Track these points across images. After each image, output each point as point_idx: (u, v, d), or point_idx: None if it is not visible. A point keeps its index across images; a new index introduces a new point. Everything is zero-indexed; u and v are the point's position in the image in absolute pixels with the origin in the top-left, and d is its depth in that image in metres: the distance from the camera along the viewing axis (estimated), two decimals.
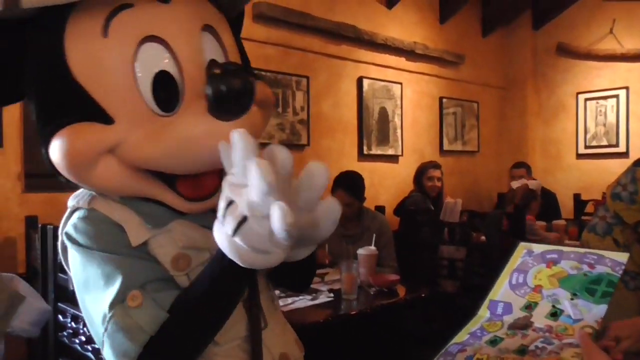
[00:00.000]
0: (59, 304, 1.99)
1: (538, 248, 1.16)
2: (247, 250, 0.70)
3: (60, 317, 1.96)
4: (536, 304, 1.06)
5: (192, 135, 0.77)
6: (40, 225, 2.16)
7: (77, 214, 0.86)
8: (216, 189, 0.84)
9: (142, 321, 0.77)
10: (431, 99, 4.87)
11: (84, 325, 1.78)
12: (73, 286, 0.88)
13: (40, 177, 2.62)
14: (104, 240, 0.82)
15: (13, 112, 2.57)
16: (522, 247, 1.18)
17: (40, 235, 2.13)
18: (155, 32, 0.78)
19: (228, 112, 0.78)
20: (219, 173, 0.81)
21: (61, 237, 0.88)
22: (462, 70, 5.12)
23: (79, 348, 1.80)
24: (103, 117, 0.79)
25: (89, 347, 1.73)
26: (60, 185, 0.92)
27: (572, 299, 1.04)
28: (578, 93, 5.32)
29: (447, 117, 5.03)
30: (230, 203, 0.70)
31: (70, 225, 0.85)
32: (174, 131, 0.78)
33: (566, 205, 4.86)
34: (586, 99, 5.27)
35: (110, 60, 0.78)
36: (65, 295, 2.01)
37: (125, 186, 0.83)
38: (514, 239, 3.03)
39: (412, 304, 2.48)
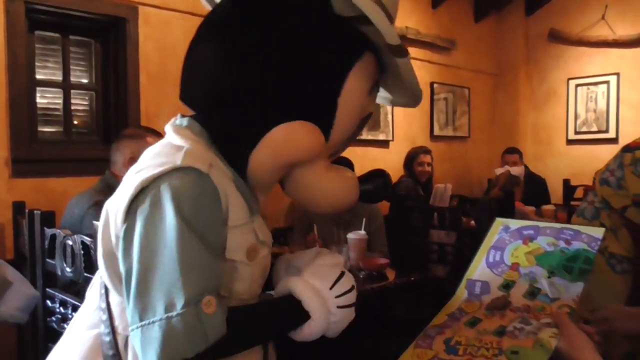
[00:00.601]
0: (48, 289, 1.98)
1: (515, 224, 1.15)
2: (334, 325, 0.93)
3: (49, 302, 1.95)
4: (513, 282, 1.05)
5: (347, 194, 0.99)
6: (27, 211, 2.14)
7: (191, 174, 0.81)
8: None
9: (210, 330, 0.77)
10: (422, 84, 4.76)
11: (73, 310, 1.78)
12: (129, 239, 0.81)
13: (28, 163, 2.60)
14: (206, 220, 0.81)
15: None
16: (499, 223, 1.17)
17: (27, 221, 2.11)
18: (373, 109, 1.03)
19: (369, 198, 1.05)
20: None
21: (142, 184, 0.81)
22: (453, 55, 5.10)
23: None
24: (326, 136, 0.92)
25: None
26: (48, 170, 0.90)
27: (549, 277, 1.03)
28: (569, 79, 5.33)
29: (438, 102, 5.02)
30: (352, 288, 0.94)
31: (179, 181, 0.80)
32: (338, 180, 0.98)
33: (556, 191, 4.88)
34: (577, 85, 5.28)
35: (362, 110, 0.97)
36: (53, 281, 2.00)
37: (275, 182, 0.97)
38: None
39: (402, 288, 2.50)
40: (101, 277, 0.93)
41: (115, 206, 0.86)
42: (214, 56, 0.90)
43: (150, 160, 0.86)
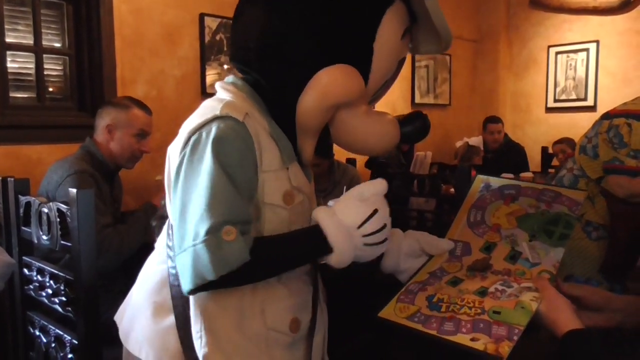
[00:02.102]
0: (24, 257, 1.95)
1: (496, 182, 1.14)
2: (359, 258, 0.97)
3: (25, 270, 1.93)
4: (495, 244, 1.06)
5: (389, 136, 1.04)
6: (1, 178, 2.09)
7: (228, 122, 0.92)
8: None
9: (231, 256, 0.86)
10: None
11: (50, 278, 1.76)
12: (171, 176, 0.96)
13: (0, 129, 2.53)
14: (238, 162, 0.91)
15: None
16: (480, 180, 1.16)
17: (1, 189, 2.07)
18: (405, 54, 1.07)
19: (409, 140, 1.08)
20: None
21: (189, 134, 0.93)
22: None
23: (46, 301, 1.78)
24: (365, 80, 0.98)
25: (56, 300, 1.71)
26: (21, 137, 0.90)
27: (530, 241, 1.03)
28: (549, 46, 5.34)
29: (420, 70, 5.00)
30: (383, 227, 0.96)
31: (216, 128, 0.91)
32: (379, 123, 1.03)
33: (534, 159, 4.94)
34: (557, 53, 5.29)
35: (397, 54, 1.03)
36: (30, 248, 1.98)
37: (320, 127, 1.00)
38: None
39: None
40: (168, 219, 1.06)
41: (174, 154, 0.98)
42: (259, 13, 0.98)
43: (199, 112, 0.98)
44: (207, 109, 0.97)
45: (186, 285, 0.89)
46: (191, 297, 0.97)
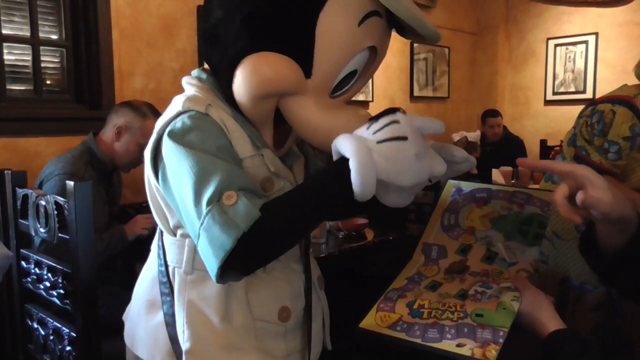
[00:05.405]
0: (22, 250, 1.95)
1: (467, 186, 1.12)
2: (385, 163, 0.82)
3: (23, 263, 1.93)
4: (470, 246, 1.05)
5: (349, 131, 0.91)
6: None
7: (191, 115, 0.92)
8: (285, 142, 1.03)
9: (237, 217, 0.82)
10: (402, 44, 4.80)
11: (48, 270, 1.76)
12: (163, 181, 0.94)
13: None
14: (209, 140, 0.89)
15: None
16: (451, 185, 1.15)
17: None
18: (377, 43, 0.95)
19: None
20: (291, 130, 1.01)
21: (158, 134, 0.93)
22: (434, 14, 5.04)
23: (44, 294, 1.78)
24: (307, 70, 0.91)
25: (54, 293, 1.71)
26: (18, 130, 0.89)
27: (505, 241, 1.03)
28: (548, 39, 5.32)
29: (418, 62, 4.98)
30: (393, 122, 0.84)
31: (180, 122, 0.91)
32: (341, 119, 0.94)
33: (533, 152, 4.94)
34: (556, 45, 5.28)
35: (351, 42, 0.92)
36: (27, 241, 1.97)
37: (264, 117, 0.95)
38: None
39: (380, 247, 2.52)
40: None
41: (146, 156, 0.97)
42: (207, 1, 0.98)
43: (166, 111, 0.97)
44: (172, 106, 0.97)
45: (213, 266, 0.83)
46: (176, 292, 0.99)
